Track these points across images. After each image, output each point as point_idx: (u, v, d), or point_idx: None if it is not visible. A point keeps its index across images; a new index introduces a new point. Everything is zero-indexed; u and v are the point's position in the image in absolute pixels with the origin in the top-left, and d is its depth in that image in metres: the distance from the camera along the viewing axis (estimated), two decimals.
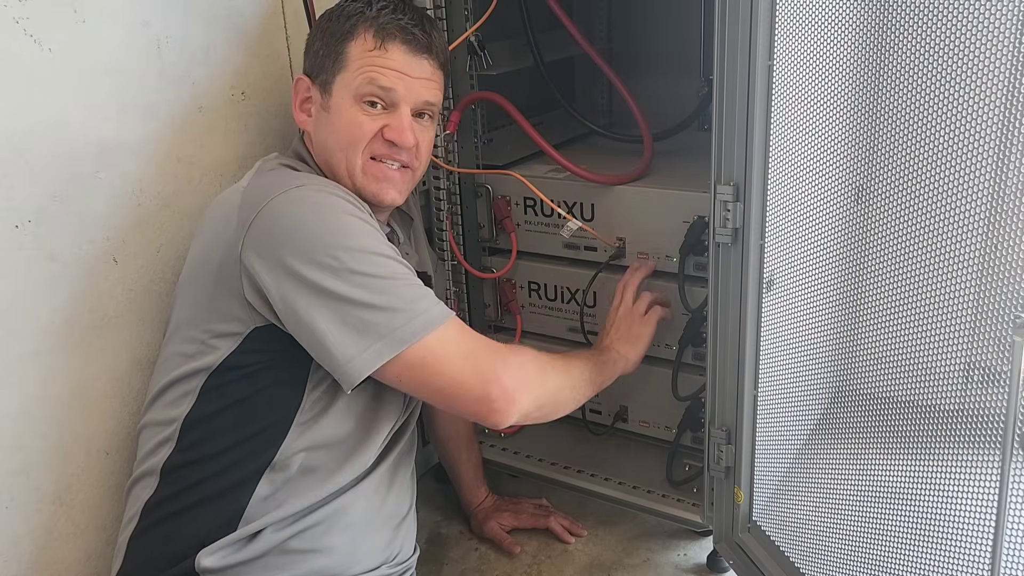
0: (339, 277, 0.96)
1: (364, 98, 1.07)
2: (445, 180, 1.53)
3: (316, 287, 0.96)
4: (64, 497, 1.12)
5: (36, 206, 1.02)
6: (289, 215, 0.99)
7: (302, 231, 0.98)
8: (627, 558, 1.45)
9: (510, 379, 1.02)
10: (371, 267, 0.98)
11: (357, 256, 0.97)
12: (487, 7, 1.37)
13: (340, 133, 1.08)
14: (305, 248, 0.97)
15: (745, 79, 1.02)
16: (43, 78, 1.01)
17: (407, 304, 0.98)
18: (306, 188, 1.01)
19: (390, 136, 1.08)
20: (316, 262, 0.96)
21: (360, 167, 1.09)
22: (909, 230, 1.00)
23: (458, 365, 1.00)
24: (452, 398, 1.02)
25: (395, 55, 1.07)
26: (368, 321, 0.96)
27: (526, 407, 1.05)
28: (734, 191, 1.08)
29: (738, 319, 1.14)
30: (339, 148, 1.09)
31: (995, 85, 0.86)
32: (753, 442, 1.20)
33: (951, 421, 0.94)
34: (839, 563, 1.10)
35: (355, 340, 0.96)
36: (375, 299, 0.97)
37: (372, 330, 0.96)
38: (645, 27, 1.83)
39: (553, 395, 1.12)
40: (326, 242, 0.97)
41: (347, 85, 1.07)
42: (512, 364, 1.04)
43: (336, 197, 1.02)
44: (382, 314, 0.97)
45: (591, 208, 1.45)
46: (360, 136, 1.08)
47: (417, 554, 1.25)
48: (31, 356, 1.05)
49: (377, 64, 1.07)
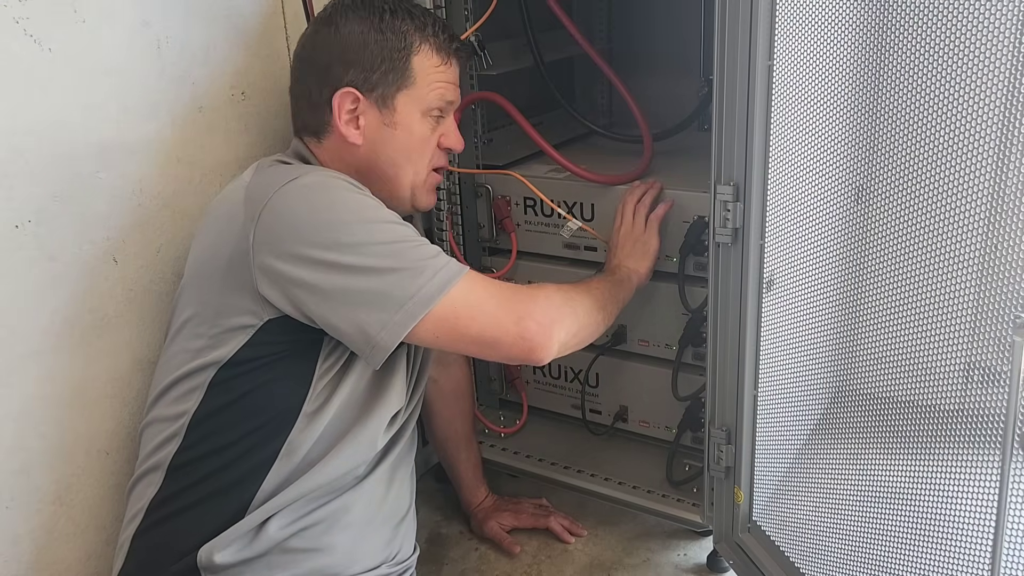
0: (354, 251, 0.98)
1: (432, 112, 1.12)
2: (445, 180, 1.53)
3: (335, 266, 0.97)
4: (64, 497, 1.12)
5: (36, 206, 1.02)
6: (295, 205, 0.99)
7: (310, 218, 0.99)
8: (627, 558, 1.45)
9: (542, 314, 1.04)
10: (382, 235, 0.99)
11: (367, 227, 0.99)
12: (487, 7, 1.37)
13: (412, 148, 1.12)
14: (315, 233, 0.98)
15: (745, 79, 1.02)
16: (43, 78, 1.01)
17: (425, 263, 0.99)
18: (306, 177, 1.02)
19: (447, 144, 1.16)
20: (328, 244, 0.98)
21: (424, 179, 1.15)
22: (909, 230, 1.00)
23: (489, 310, 1.02)
24: (490, 344, 1.03)
25: (454, 69, 1.15)
26: (393, 286, 0.98)
27: (564, 337, 1.07)
28: (734, 191, 1.08)
29: (738, 319, 1.14)
30: (408, 163, 1.13)
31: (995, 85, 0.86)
32: (753, 442, 1.20)
33: (951, 421, 0.94)
34: (839, 563, 1.10)
35: (384, 307, 0.98)
36: (394, 263, 0.98)
37: (398, 294, 0.98)
38: (645, 27, 1.83)
39: (585, 320, 1.13)
40: (334, 223, 0.98)
41: (416, 100, 1.11)
42: (540, 299, 1.06)
43: (336, 179, 1.04)
44: (404, 277, 0.98)
45: (591, 208, 1.45)
46: (429, 149, 1.14)
47: (417, 554, 1.25)
48: (31, 356, 1.05)
49: (445, 79, 1.13)
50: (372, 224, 1.00)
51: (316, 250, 0.98)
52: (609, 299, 1.21)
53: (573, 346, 1.12)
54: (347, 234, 0.98)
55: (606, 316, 1.19)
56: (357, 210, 1.01)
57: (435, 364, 1.44)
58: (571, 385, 1.60)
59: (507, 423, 1.69)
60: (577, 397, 1.58)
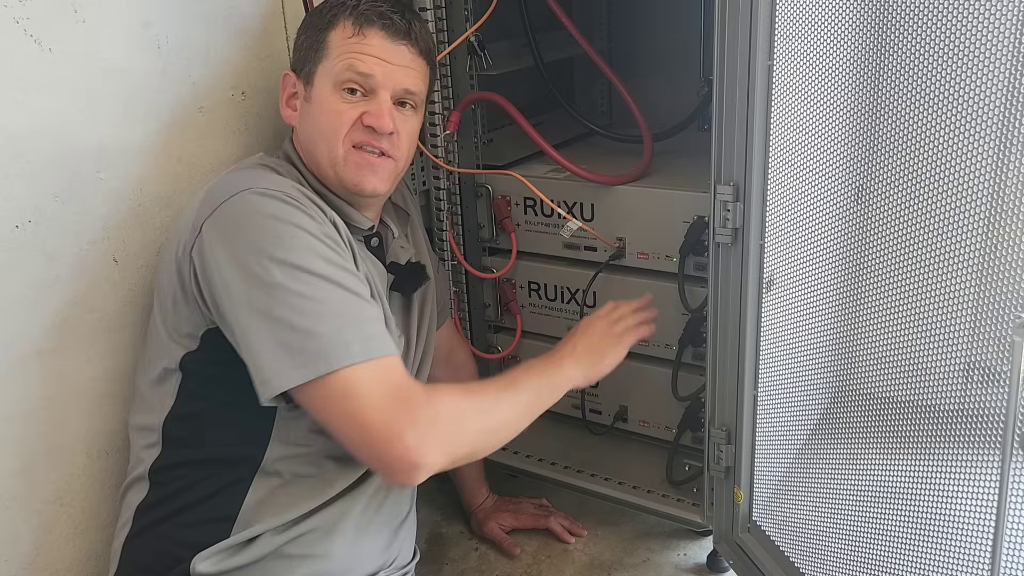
0: (270, 293, 0.93)
1: (343, 85, 1.05)
2: (445, 180, 1.53)
3: (247, 297, 0.94)
4: (64, 497, 1.12)
5: (36, 206, 1.02)
6: (234, 221, 0.96)
7: (243, 239, 0.95)
8: (627, 558, 1.45)
9: (415, 440, 0.93)
10: (303, 286, 0.93)
11: (292, 273, 0.93)
12: (487, 7, 1.37)
13: (321, 122, 1.06)
14: (243, 257, 0.94)
15: (745, 79, 1.02)
16: (43, 78, 1.01)
17: (329, 332, 0.92)
18: (256, 191, 0.98)
19: (369, 122, 1.05)
20: (251, 273, 0.94)
21: (342, 156, 1.06)
22: (909, 230, 1.00)
23: (363, 412, 0.93)
24: (353, 445, 0.95)
25: (373, 40, 1.05)
26: (288, 341, 0.92)
27: (439, 464, 0.96)
28: (734, 191, 1.08)
29: (738, 319, 1.14)
30: (321, 138, 1.07)
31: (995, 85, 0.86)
32: (753, 442, 1.20)
33: (951, 421, 0.94)
34: (839, 563, 1.10)
35: (273, 357, 0.93)
36: (298, 320, 0.92)
37: (289, 351, 0.92)
38: (645, 27, 1.83)
39: (477, 440, 1.03)
40: (264, 254, 0.94)
41: (327, 73, 1.06)
42: (421, 423, 0.94)
43: (286, 204, 0.98)
44: (302, 337, 0.92)
45: (591, 208, 1.45)
46: (340, 124, 1.05)
47: (417, 558, 1.24)
48: (31, 356, 1.05)
49: (355, 50, 1.05)
50: (297, 271, 0.94)
51: (238, 274, 0.94)
52: (534, 403, 1.10)
53: (466, 460, 1.03)
54: (267, 271, 0.93)
55: (519, 423, 1.08)
56: (290, 249, 0.94)
57: (443, 366, 1.44)
58: None
59: None
60: (577, 397, 1.58)
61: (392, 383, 0.95)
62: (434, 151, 1.48)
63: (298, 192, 1.02)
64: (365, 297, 0.99)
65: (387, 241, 1.17)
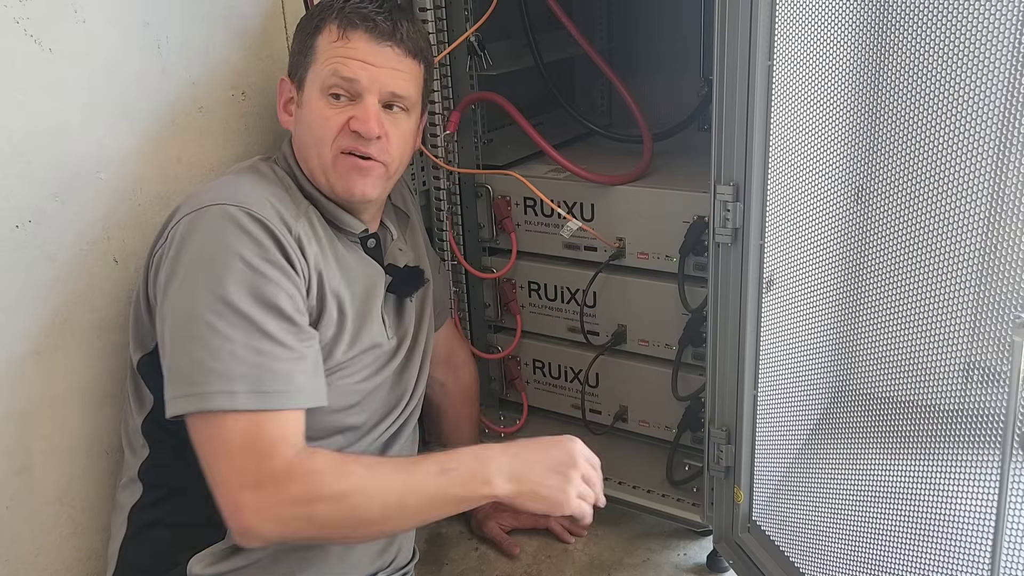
0: (190, 319, 0.93)
1: (329, 91, 1.04)
2: (445, 180, 1.53)
3: (172, 315, 0.95)
4: (64, 497, 1.12)
5: (36, 206, 1.02)
6: (188, 237, 0.96)
7: (187, 259, 0.95)
8: (627, 558, 1.45)
9: (249, 505, 0.90)
10: (220, 322, 0.92)
11: (215, 307, 0.93)
12: (487, 7, 1.37)
13: (312, 129, 1.06)
14: (180, 277, 0.95)
15: (745, 79, 1.02)
16: (43, 78, 1.01)
17: (223, 373, 0.91)
18: (223, 207, 0.97)
19: (355, 127, 1.03)
20: (182, 294, 0.94)
21: (330, 162, 1.05)
22: (909, 230, 1.00)
23: (219, 459, 0.92)
24: (214, 489, 0.93)
25: (357, 44, 1.04)
26: (186, 369, 0.92)
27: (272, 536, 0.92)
28: (734, 191, 1.08)
29: (738, 319, 1.14)
30: (312, 144, 1.06)
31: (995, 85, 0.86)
32: (753, 442, 1.20)
33: (951, 421, 0.94)
34: (839, 563, 1.10)
35: (174, 380, 0.93)
36: (201, 354, 0.92)
37: (185, 380, 0.92)
38: (645, 27, 1.83)
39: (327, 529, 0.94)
40: (198, 280, 0.94)
41: (315, 79, 1.05)
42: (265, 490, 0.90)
43: (241, 232, 0.95)
44: (197, 371, 0.92)
45: (591, 208, 1.45)
46: (327, 130, 1.04)
47: (416, 559, 1.24)
48: (31, 356, 1.05)
49: (339, 55, 1.03)
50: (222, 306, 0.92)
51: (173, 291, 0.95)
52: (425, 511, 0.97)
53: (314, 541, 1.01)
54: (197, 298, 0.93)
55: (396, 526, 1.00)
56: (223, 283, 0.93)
57: (444, 366, 1.44)
58: (571, 385, 1.60)
59: (507, 423, 1.69)
60: (577, 397, 1.58)
61: (262, 440, 0.91)
62: (434, 151, 1.48)
63: (271, 207, 0.99)
64: (285, 342, 0.95)
65: (385, 243, 1.17)
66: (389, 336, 1.14)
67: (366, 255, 1.13)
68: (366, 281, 1.11)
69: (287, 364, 0.95)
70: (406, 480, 0.95)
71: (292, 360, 0.95)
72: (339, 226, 1.09)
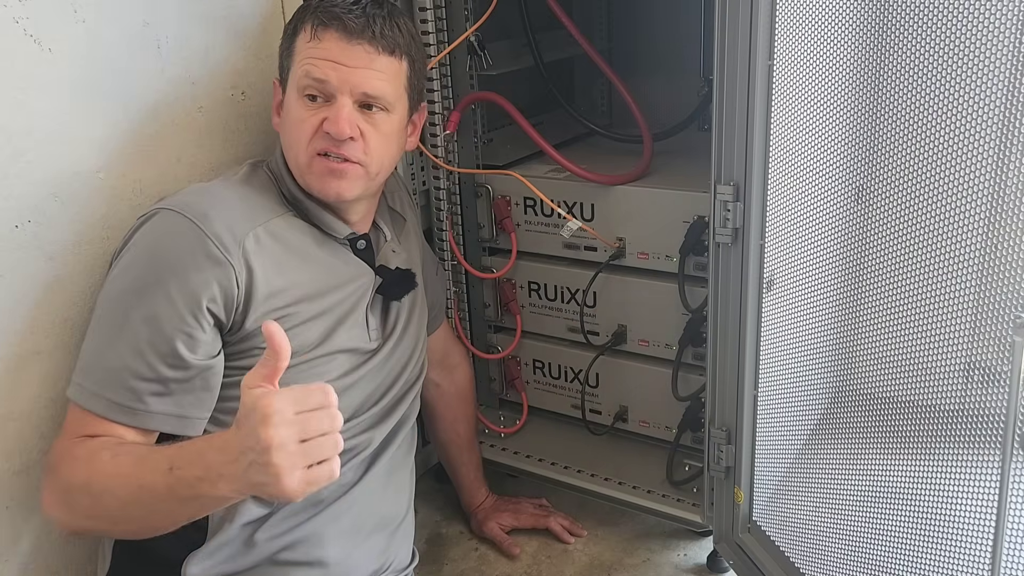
0: (99, 311, 0.99)
1: (303, 92, 1.03)
2: (445, 180, 1.53)
3: (100, 301, 1.00)
4: None
5: (36, 206, 1.02)
6: (137, 239, 1.00)
7: (127, 255, 0.99)
8: (627, 558, 1.45)
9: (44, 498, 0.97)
10: (108, 325, 0.97)
11: (113, 310, 0.97)
12: (487, 7, 1.37)
13: (290, 130, 1.05)
14: (117, 268, 0.99)
15: (745, 79, 1.02)
16: (43, 78, 1.01)
17: (88, 367, 0.97)
18: (177, 214, 0.98)
19: (326, 128, 1.02)
20: (109, 287, 0.99)
21: (306, 164, 1.04)
22: (909, 230, 1.00)
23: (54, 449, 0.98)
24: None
25: (328, 44, 1.01)
26: (91, 362, 0.97)
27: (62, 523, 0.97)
28: (734, 191, 1.08)
29: (738, 319, 1.14)
30: (290, 146, 1.06)
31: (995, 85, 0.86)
32: (753, 442, 1.20)
33: (951, 421, 0.94)
34: (839, 563, 1.10)
35: (79, 368, 0.98)
36: (90, 350, 0.98)
37: (84, 371, 0.97)
38: (645, 27, 1.83)
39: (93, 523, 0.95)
40: (125, 283, 0.98)
41: (292, 81, 1.05)
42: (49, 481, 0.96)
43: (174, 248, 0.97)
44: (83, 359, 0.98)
45: (591, 208, 1.45)
46: (302, 132, 1.03)
47: (416, 561, 1.24)
48: (31, 356, 1.05)
49: (312, 55, 1.02)
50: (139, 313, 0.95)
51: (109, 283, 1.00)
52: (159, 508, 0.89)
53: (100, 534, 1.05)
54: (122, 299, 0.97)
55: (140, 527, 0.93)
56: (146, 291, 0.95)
57: (439, 367, 1.44)
58: (571, 385, 1.60)
59: (507, 423, 1.69)
60: (577, 397, 1.58)
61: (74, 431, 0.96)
62: (434, 151, 1.48)
63: (223, 221, 0.99)
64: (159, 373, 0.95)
65: (378, 244, 1.17)
66: (372, 338, 1.13)
67: (355, 257, 1.12)
68: (352, 283, 1.11)
69: (145, 385, 0.95)
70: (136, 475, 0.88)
71: (152, 387, 0.96)
72: (324, 230, 1.09)
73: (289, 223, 1.06)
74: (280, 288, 1.02)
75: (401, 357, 1.19)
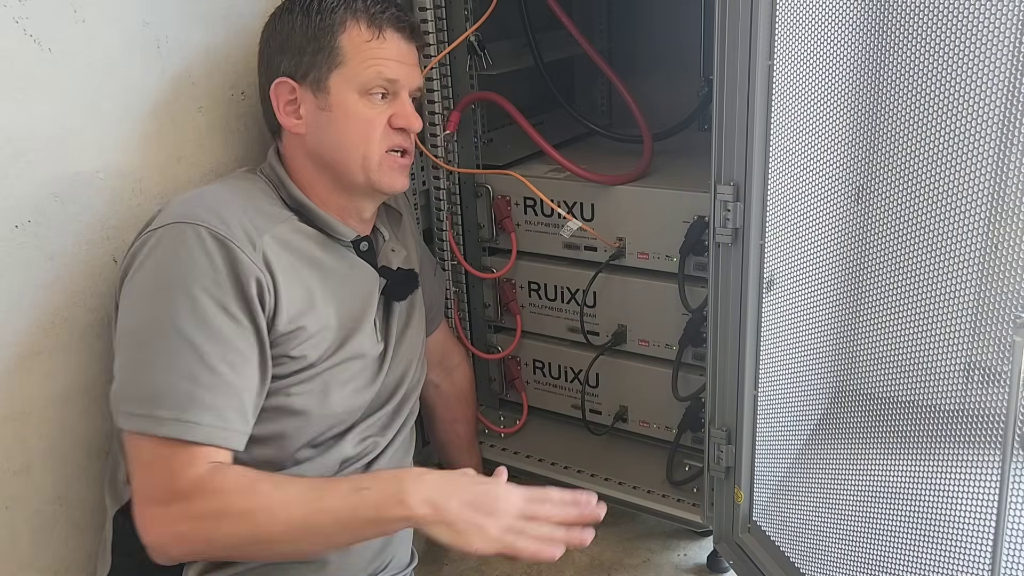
0: (136, 336, 0.94)
1: (371, 91, 1.06)
2: (445, 180, 1.53)
3: (126, 327, 0.96)
4: (64, 497, 1.12)
5: (36, 206, 1.02)
6: (150, 255, 0.96)
7: (148, 276, 0.96)
8: (627, 558, 1.45)
9: (156, 522, 0.91)
10: (167, 344, 0.93)
11: (163, 329, 0.93)
12: (487, 7, 1.37)
13: (351, 130, 1.06)
14: (140, 293, 0.96)
15: (745, 79, 1.02)
16: (43, 78, 1.01)
17: (158, 396, 0.92)
18: (189, 226, 0.96)
19: (400, 124, 1.08)
20: (138, 309, 0.96)
21: (376, 161, 1.07)
22: (909, 230, 1.00)
23: (138, 477, 0.93)
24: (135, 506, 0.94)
25: (392, 44, 1.06)
26: (130, 384, 0.94)
27: (177, 554, 0.93)
28: (734, 191, 1.08)
29: (738, 319, 1.14)
30: (354, 147, 1.07)
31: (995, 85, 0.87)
32: (753, 442, 1.20)
33: (951, 421, 0.94)
34: (839, 563, 1.10)
35: (119, 392, 0.94)
36: (145, 372, 0.93)
37: (126, 395, 0.94)
38: (645, 27, 1.83)
39: (234, 548, 0.94)
40: (155, 299, 0.95)
41: (350, 80, 1.05)
42: (172, 509, 0.90)
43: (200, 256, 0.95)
44: (138, 387, 0.93)
45: (591, 208, 1.45)
46: (372, 130, 1.06)
47: (415, 563, 1.24)
48: (31, 356, 1.05)
49: (379, 56, 1.05)
50: (171, 329, 0.92)
51: (128, 306, 0.96)
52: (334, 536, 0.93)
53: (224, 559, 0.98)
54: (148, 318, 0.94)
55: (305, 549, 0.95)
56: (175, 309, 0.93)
57: (438, 368, 1.44)
58: (571, 385, 1.60)
59: (507, 423, 1.69)
60: (577, 397, 1.58)
61: (176, 459, 0.91)
62: (434, 151, 1.48)
63: (238, 225, 0.98)
64: (229, 378, 0.94)
65: (378, 246, 1.17)
66: (378, 340, 1.13)
67: (359, 259, 1.12)
68: (360, 288, 1.11)
69: (221, 398, 0.94)
70: (314, 499, 0.91)
71: (227, 395, 0.94)
72: (330, 234, 1.09)
73: (293, 228, 1.06)
74: (298, 295, 1.02)
75: (404, 360, 1.19)
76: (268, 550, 0.94)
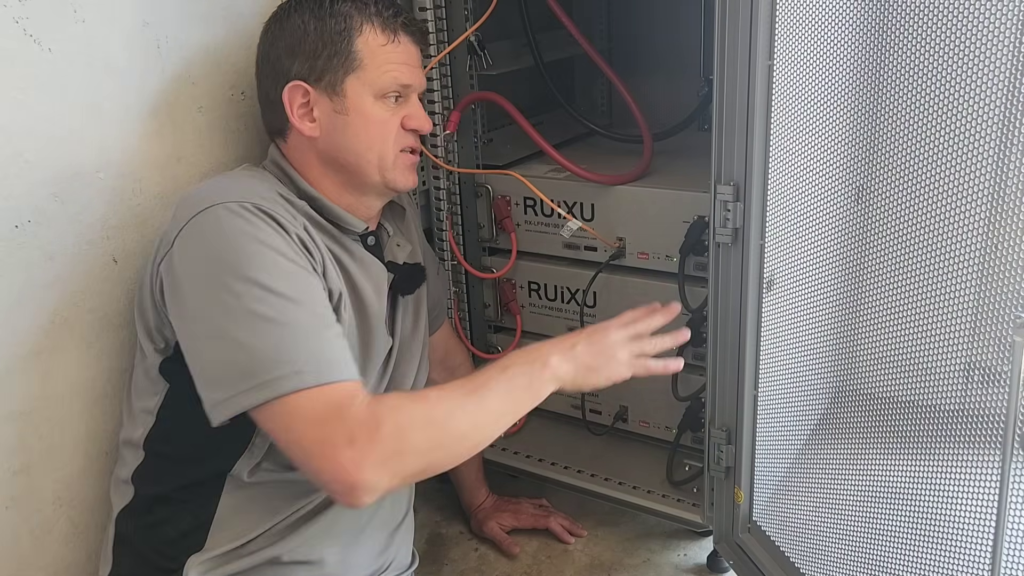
0: (228, 312, 0.91)
1: (385, 95, 1.08)
2: (445, 180, 1.53)
3: (205, 316, 0.92)
4: (64, 497, 1.12)
5: (36, 206, 1.02)
6: (200, 238, 0.95)
7: (207, 257, 0.93)
8: (627, 558, 1.45)
9: (352, 459, 0.87)
10: (265, 307, 0.91)
11: (253, 292, 0.91)
12: (487, 7, 1.37)
13: (370, 132, 1.08)
14: (204, 276, 0.93)
15: (745, 79, 1.02)
16: (43, 78, 1.01)
17: (284, 356, 0.90)
18: (226, 205, 0.95)
19: (413, 125, 1.11)
20: (211, 291, 0.92)
21: (392, 161, 1.10)
22: (909, 230, 1.00)
23: (302, 433, 0.89)
24: (298, 466, 0.92)
25: (405, 48, 1.09)
26: (240, 362, 0.90)
27: (384, 483, 0.89)
28: (734, 191, 1.08)
29: (738, 319, 1.14)
30: (369, 148, 1.08)
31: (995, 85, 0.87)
32: (753, 442, 1.20)
33: (951, 421, 0.94)
34: (839, 563, 1.10)
35: (223, 380, 0.91)
36: (254, 341, 0.90)
37: (241, 374, 0.90)
38: (645, 27, 1.83)
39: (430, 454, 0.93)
40: (226, 272, 0.92)
41: (367, 84, 1.06)
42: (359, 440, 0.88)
43: (254, 218, 0.95)
44: (255, 359, 0.90)
45: (591, 208, 1.45)
46: (388, 131, 1.09)
47: (416, 564, 1.24)
48: (31, 356, 1.05)
49: (395, 60, 1.07)
50: (261, 291, 0.91)
51: (200, 292, 0.93)
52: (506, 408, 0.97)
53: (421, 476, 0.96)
54: (231, 292, 0.91)
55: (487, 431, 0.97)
56: (256, 268, 0.92)
57: (440, 368, 1.44)
58: None
59: None
60: (577, 397, 1.58)
61: (334, 403, 0.90)
62: (434, 151, 1.48)
63: (272, 198, 1.00)
64: (327, 318, 0.95)
65: (383, 240, 1.17)
66: (388, 336, 1.14)
67: (368, 253, 1.12)
68: (372, 282, 1.11)
69: (334, 332, 0.95)
70: (476, 387, 0.96)
71: (335, 328, 0.96)
72: (341, 225, 1.09)
73: (310, 219, 1.06)
74: (333, 276, 1.03)
75: (410, 358, 1.19)
76: (460, 445, 0.96)
